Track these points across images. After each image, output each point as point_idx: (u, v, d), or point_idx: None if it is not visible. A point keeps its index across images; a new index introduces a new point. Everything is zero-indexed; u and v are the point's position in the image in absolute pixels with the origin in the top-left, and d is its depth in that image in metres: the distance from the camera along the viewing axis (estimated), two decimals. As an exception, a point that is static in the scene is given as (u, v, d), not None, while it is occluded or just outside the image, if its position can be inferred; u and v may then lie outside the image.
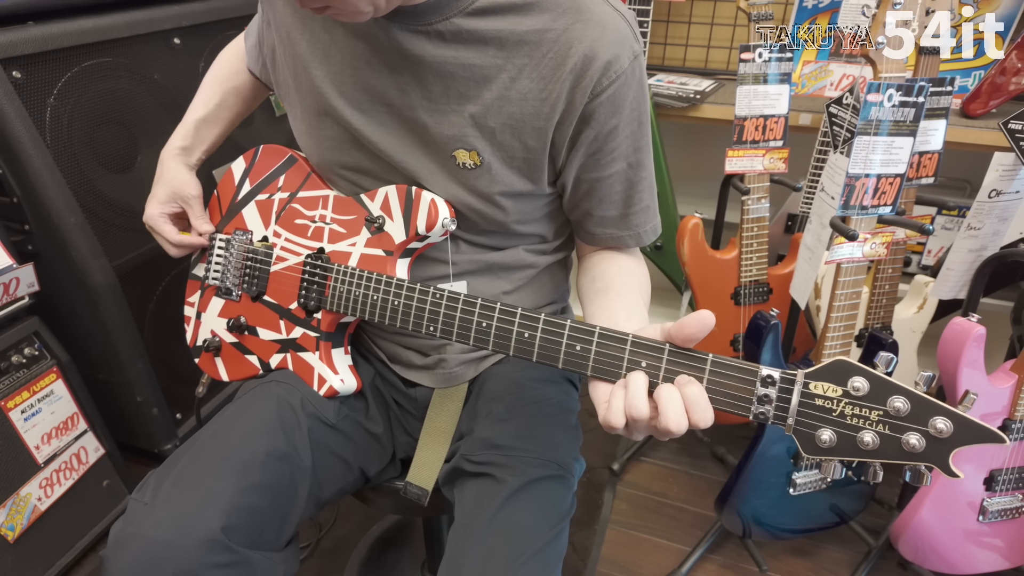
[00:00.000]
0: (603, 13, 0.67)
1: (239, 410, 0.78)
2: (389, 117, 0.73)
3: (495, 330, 0.65)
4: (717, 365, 0.56)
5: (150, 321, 1.40)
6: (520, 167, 0.73)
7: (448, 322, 0.69)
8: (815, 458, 0.54)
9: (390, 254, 0.77)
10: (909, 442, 0.50)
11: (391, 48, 0.69)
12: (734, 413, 0.56)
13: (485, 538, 0.68)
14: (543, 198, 0.78)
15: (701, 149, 1.87)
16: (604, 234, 0.79)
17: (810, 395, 0.53)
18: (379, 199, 0.77)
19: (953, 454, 0.49)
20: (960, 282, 1.19)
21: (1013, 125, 1.02)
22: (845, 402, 0.52)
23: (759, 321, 1.14)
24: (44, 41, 1.10)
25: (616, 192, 0.76)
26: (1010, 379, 1.06)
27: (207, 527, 0.65)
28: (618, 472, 1.60)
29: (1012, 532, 1.15)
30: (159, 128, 1.34)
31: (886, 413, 0.51)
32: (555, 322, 0.62)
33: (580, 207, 0.78)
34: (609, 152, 0.72)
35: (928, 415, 0.50)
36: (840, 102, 1.05)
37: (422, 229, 0.74)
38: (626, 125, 0.71)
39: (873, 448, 0.51)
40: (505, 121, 0.70)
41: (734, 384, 0.56)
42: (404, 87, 0.71)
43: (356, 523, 1.45)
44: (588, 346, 0.61)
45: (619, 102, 0.68)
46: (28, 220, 1.17)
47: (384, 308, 0.74)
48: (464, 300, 0.67)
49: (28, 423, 1.17)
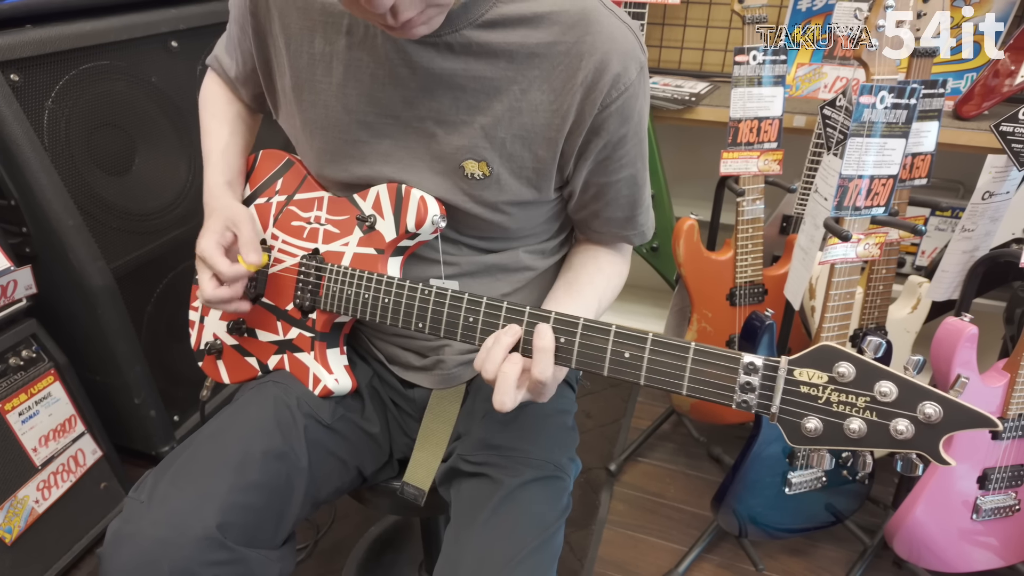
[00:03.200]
0: (612, 26, 0.68)
1: (236, 410, 0.79)
2: (395, 129, 0.74)
3: (481, 325, 0.66)
4: (699, 353, 0.56)
5: (148, 323, 1.40)
6: (529, 177, 0.73)
7: (436, 318, 0.69)
8: (802, 447, 0.53)
9: (381, 252, 0.77)
10: (897, 428, 0.49)
11: (399, 60, 0.70)
12: (717, 402, 0.55)
13: (481, 538, 0.69)
14: (547, 204, 0.79)
15: (696, 151, 1.88)
16: (609, 233, 0.82)
17: (795, 382, 0.52)
18: (371, 198, 0.78)
19: (944, 440, 0.48)
20: (955, 283, 1.19)
21: (1004, 127, 1.03)
22: (831, 388, 0.51)
23: (754, 322, 1.15)
24: (42, 44, 1.10)
25: (623, 196, 0.78)
26: (1003, 378, 1.06)
27: (203, 525, 0.65)
28: (615, 472, 1.60)
29: (1006, 530, 1.16)
30: (157, 131, 1.35)
31: (873, 399, 0.50)
32: (541, 315, 0.63)
33: (587, 208, 0.80)
34: (618, 159, 0.74)
35: (917, 400, 0.48)
36: (833, 104, 1.06)
37: (412, 227, 0.75)
38: (634, 133, 0.73)
39: (861, 436, 0.50)
40: (516, 132, 0.71)
41: (716, 372, 0.55)
42: (411, 99, 0.71)
43: (354, 524, 1.45)
44: (572, 338, 0.61)
45: (628, 112, 0.70)
46: (26, 222, 1.17)
47: (375, 306, 0.74)
48: (452, 296, 0.68)
49: (25, 425, 1.17)
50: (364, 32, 0.71)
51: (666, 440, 1.72)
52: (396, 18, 0.58)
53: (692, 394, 0.57)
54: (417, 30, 0.61)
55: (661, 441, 1.71)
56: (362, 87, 0.73)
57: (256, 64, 0.81)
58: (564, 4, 0.68)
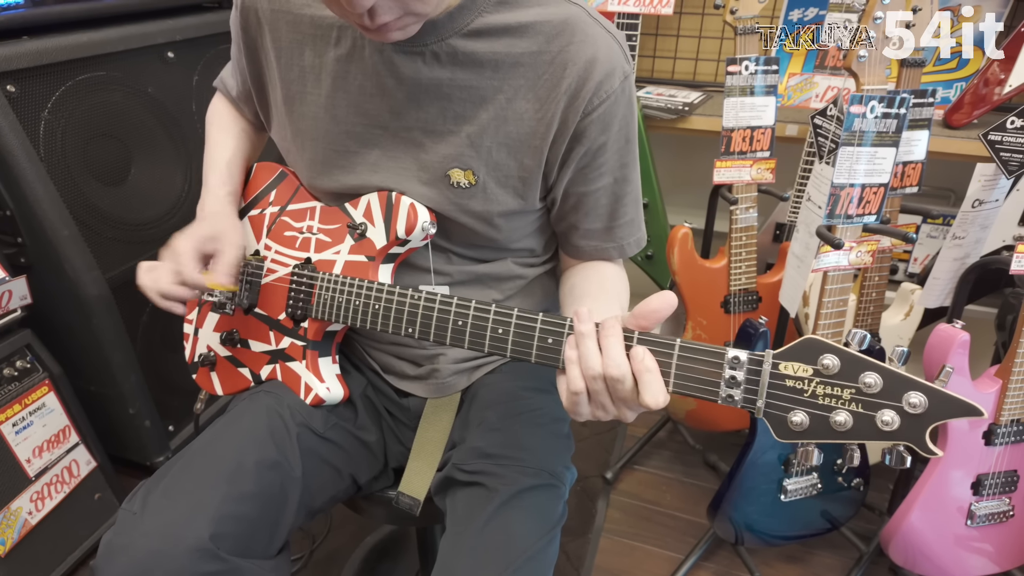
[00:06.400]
0: (596, 35, 0.69)
1: (229, 421, 0.78)
2: (383, 139, 0.74)
3: (470, 328, 0.66)
4: (685, 349, 0.56)
5: (143, 333, 1.39)
6: (515, 186, 0.74)
7: (425, 323, 0.69)
8: (789, 442, 0.52)
9: (372, 259, 0.78)
10: (883, 419, 0.48)
11: (386, 71, 0.70)
12: (703, 398, 0.55)
13: (476, 547, 0.69)
14: (533, 213, 0.79)
15: (690, 160, 1.89)
16: (589, 246, 0.81)
17: (780, 375, 0.52)
18: (362, 206, 0.78)
19: (930, 430, 0.48)
20: (946, 290, 1.20)
21: (993, 136, 1.04)
22: (816, 381, 0.51)
23: (748, 329, 1.15)
24: (39, 55, 1.11)
25: (602, 205, 0.77)
26: (995, 384, 1.07)
27: (196, 536, 0.65)
28: (611, 480, 1.60)
29: (1000, 536, 1.16)
30: (153, 141, 1.35)
31: (858, 391, 0.49)
32: (528, 316, 0.63)
33: (567, 219, 0.80)
34: (597, 167, 0.74)
35: (902, 390, 0.48)
36: (824, 113, 1.07)
37: (402, 233, 0.75)
38: (614, 142, 0.73)
39: (847, 428, 0.50)
40: (502, 141, 0.71)
41: (702, 368, 0.55)
42: (399, 109, 0.72)
43: (349, 534, 1.45)
44: (559, 338, 0.61)
45: (608, 120, 0.71)
46: (21, 233, 1.17)
47: (366, 312, 0.74)
48: (441, 300, 0.68)
49: (19, 436, 1.17)
50: (352, 44, 0.72)
51: (662, 448, 1.72)
52: (373, 20, 0.59)
53: (678, 391, 0.57)
54: (392, 35, 0.62)
55: (657, 449, 1.71)
56: (350, 98, 0.73)
57: (250, 80, 0.82)
58: (549, 14, 0.69)
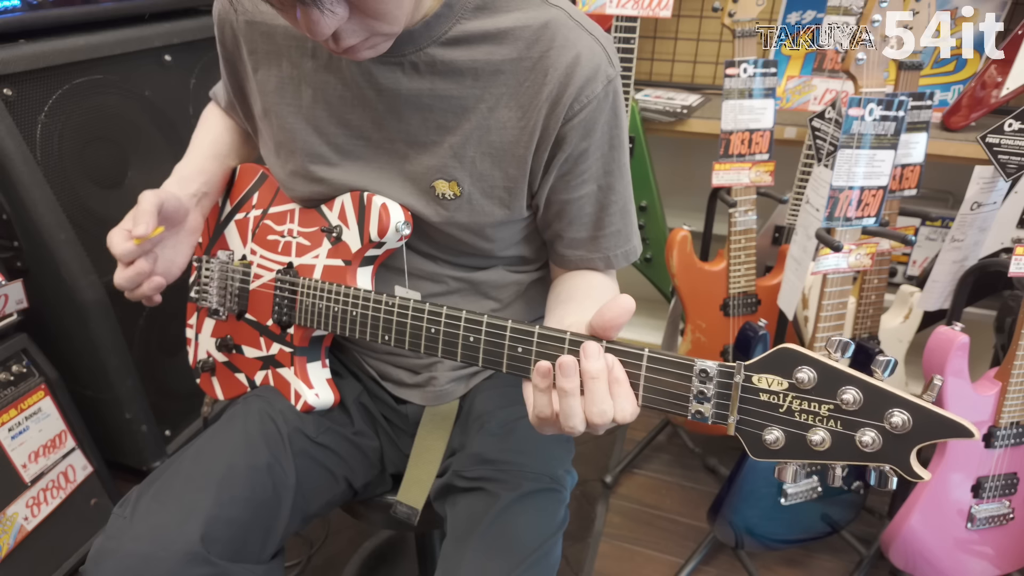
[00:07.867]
0: (577, 38, 0.67)
1: (222, 426, 0.78)
2: (366, 151, 0.73)
3: (443, 335, 0.64)
4: (653, 360, 0.52)
5: (139, 338, 1.39)
6: (500, 196, 0.72)
7: (400, 330, 0.68)
8: (766, 461, 0.48)
9: (349, 264, 0.76)
10: (862, 440, 0.44)
11: (365, 82, 0.69)
12: (672, 412, 0.52)
13: (477, 552, 0.68)
14: (521, 222, 0.78)
15: (689, 163, 1.89)
16: (574, 256, 0.78)
17: (753, 389, 0.48)
18: (336, 208, 0.77)
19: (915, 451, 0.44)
20: (945, 292, 1.20)
21: (991, 139, 1.04)
22: (792, 396, 0.46)
23: (747, 332, 1.15)
24: (35, 59, 1.10)
25: (586, 214, 0.75)
26: (994, 387, 1.07)
27: (186, 540, 0.64)
28: (611, 485, 1.60)
29: (1001, 539, 1.16)
30: (150, 145, 1.35)
31: (837, 407, 0.45)
32: (498, 324, 0.60)
33: (551, 228, 0.78)
34: (579, 174, 0.72)
35: (884, 407, 0.44)
36: (823, 116, 1.07)
37: (375, 235, 0.73)
38: (597, 148, 0.71)
39: (825, 448, 0.46)
40: (485, 150, 0.70)
41: (670, 380, 0.51)
42: (380, 120, 0.71)
43: (348, 539, 1.44)
44: (529, 347, 0.58)
45: (591, 125, 0.69)
46: (17, 236, 1.17)
47: (344, 319, 0.73)
48: (414, 307, 0.66)
49: (15, 441, 1.16)
50: (329, 55, 0.71)
51: (662, 451, 1.71)
52: (338, 44, 0.59)
53: (647, 404, 0.53)
54: (362, 54, 0.62)
55: (657, 452, 1.71)
56: (331, 109, 0.72)
57: (232, 92, 0.81)
58: (528, 18, 0.67)
